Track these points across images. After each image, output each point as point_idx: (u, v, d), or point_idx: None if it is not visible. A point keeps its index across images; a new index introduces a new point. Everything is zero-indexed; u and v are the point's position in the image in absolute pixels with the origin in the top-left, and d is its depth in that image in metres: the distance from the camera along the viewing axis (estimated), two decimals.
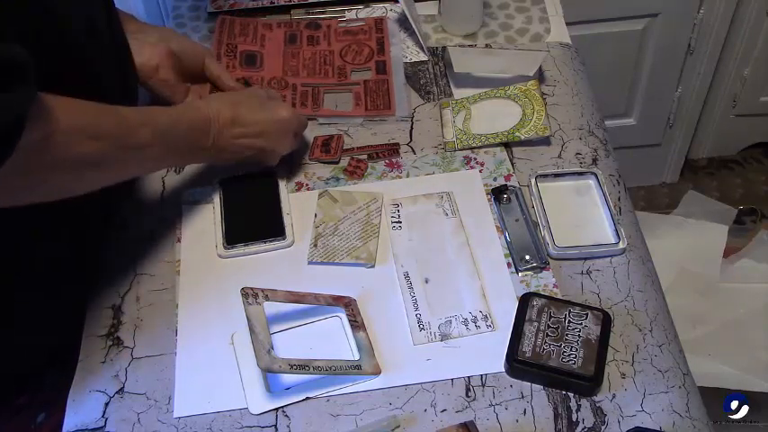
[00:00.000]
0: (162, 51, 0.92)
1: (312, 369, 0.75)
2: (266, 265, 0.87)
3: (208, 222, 0.91)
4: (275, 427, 0.74)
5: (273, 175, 0.94)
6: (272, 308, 0.80)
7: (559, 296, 0.82)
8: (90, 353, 0.80)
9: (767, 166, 2.16)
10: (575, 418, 0.74)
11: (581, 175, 0.93)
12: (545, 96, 1.02)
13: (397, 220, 0.90)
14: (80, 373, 0.79)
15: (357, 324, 0.80)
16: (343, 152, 0.98)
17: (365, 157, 0.97)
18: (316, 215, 0.91)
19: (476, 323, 0.81)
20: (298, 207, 0.92)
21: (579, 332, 0.77)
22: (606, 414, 0.74)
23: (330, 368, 0.75)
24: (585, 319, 0.78)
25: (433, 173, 0.95)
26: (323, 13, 1.17)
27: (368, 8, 1.18)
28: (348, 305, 0.82)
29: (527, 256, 0.86)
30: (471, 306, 0.82)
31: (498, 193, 0.91)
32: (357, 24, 1.14)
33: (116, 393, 0.77)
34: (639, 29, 1.77)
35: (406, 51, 1.11)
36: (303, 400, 0.76)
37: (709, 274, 1.78)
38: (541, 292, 0.82)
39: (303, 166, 0.97)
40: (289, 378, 0.77)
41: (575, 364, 0.75)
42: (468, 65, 1.06)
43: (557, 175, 0.93)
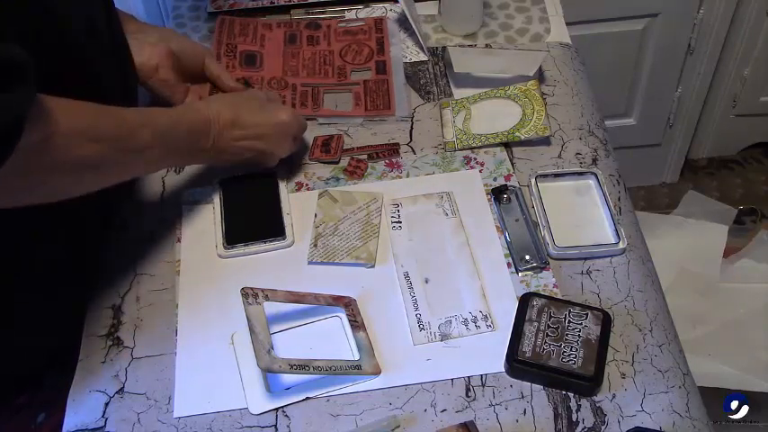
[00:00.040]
0: (162, 51, 0.92)
1: (312, 369, 0.75)
2: (266, 265, 0.87)
3: (208, 222, 0.91)
4: (275, 427, 0.74)
5: (273, 176, 0.94)
6: (272, 308, 0.79)
7: (559, 296, 0.82)
8: (90, 353, 0.80)
9: (767, 166, 2.16)
10: (575, 418, 0.74)
11: (581, 175, 0.93)
12: (545, 96, 1.02)
13: (397, 220, 0.90)
14: (80, 373, 0.79)
15: (357, 324, 0.80)
16: (344, 152, 0.98)
17: (365, 157, 0.97)
18: (316, 215, 0.91)
19: (476, 323, 0.81)
20: (298, 207, 0.92)
21: (579, 332, 0.77)
22: (606, 414, 0.74)
23: (330, 368, 0.75)
24: (585, 319, 0.78)
25: (433, 173, 0.95)
26: (323, 13, 1.17)
27: (368, 8, 1.17)
28: (348, 305, 0.82)
29: (527, 256, 0.86)
30: (471, 306, 0.82)
31: (498, 193, 0.91)
32: (357, 24, 1.14)
33: (116, 393, 0.77)
34: (639, 29, 1.76)
35: (406, 51, 1.11)
36: (303, 400, 0.76)
37: (709, 274, 1.78)
38: (541, 292, 0.82)
39: (303, 166, 0.97)
40: (289, 378, 0.77)
41: (575, 364, 0.75)
42: (468, 65, 1.06)
43: (557, 175, 0.93)
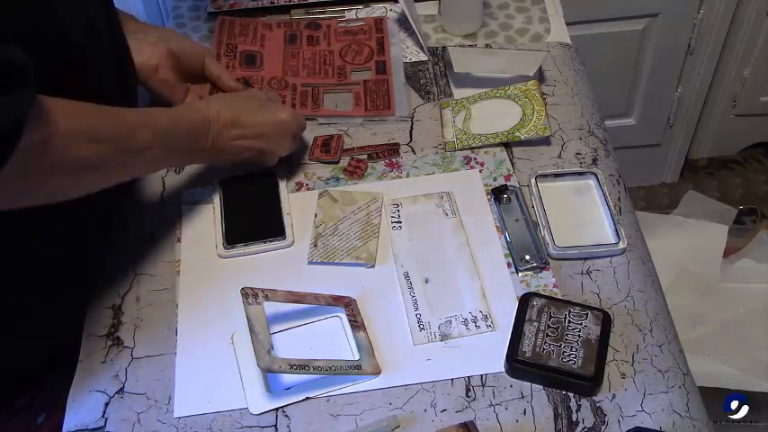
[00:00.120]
0: (161, 51, 0.92)
1: (312, 369, 0.75)
2: (266, 265, 0.87)
3: (208, 222, 0.91)
4: (275, 427, 0.74)
5: (273, 175, 0.94)
6: (272, 308, 0.79)
7: (559, 296, 0.82)
8: (90, 353, 0.80)
9: (767, 166, 2.16)
10: (575, 418, 0.74)
11: (581, 175, 0.93)
12: (545, 96, 1.02)
13: (397, 220, 0.90)
14: (80, 374, 0.79)
15: (357, 324, 0.80)
16: (344, 152, 0.98)
17: (365, 157, 0.97)
18: (316, 215, 0.91)
19: (476, 323, 0.81)
20: (298, 207, 0.92)
21: (579, 332, 0.77)
22: (606, 414, 0.74)
23: (330, 368, 0.75)
24: (585, 319, 0.78)
25: (433, 173, 0.95)
26: (323, 13, 1.17)
27: (368, 8, 1.17)
28: (348, 305, 0.82)
29: (527, 256, 0.86)
30: (471, 306, 0.82)
31: (498, 193, 0.91)
32: (357, 24, 1.14)
33: (116, 393, 0.77)
34: (639, 29, 1.76)
35: (406, 51, 1.11)
36: (303, 400, 0.76)
37: (709, 274, 1.78)
38: (541, 292, 0.82)
39: (303, 166, 0.97)
40: (289, 378, 0.77)
41: (575, 364, 0.75)
42: (468, 65, 1.06)
43: (557, 175, 0.93)
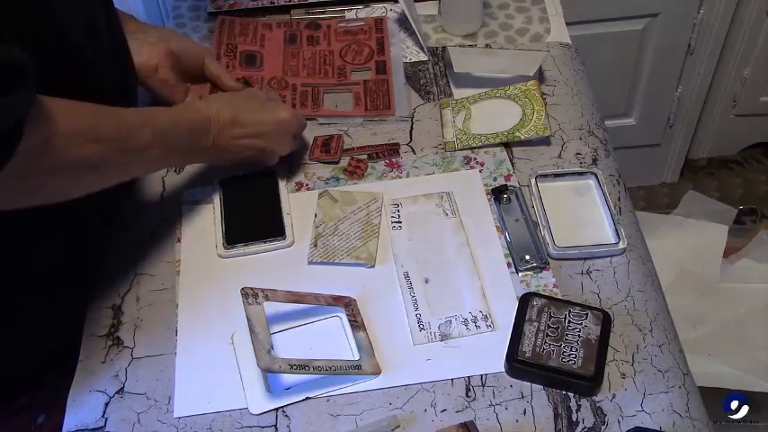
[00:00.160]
0: (161, 51, 0.92)
1: (312, 369, 0.75)
2: (266, 265, 0.87)
3: (208, 222, 0.91)
4: (275, 427, 0.74)
5: (273, 175, 0.94)
6: (272, 308, 0.80)
7: (559, 296, 0.82)
8: (90, 353, 0.80)
9: (767, 166, 2.16)
10: (575, 418, 0.74)
11: (581, 175, 0.93)
12: (545, 96, 1.02)
13: (397, 220, 0.90)
14: (80, 374, 0.79)
15: (357, 324, 0.80)
16: (344, 152, 0.98)
17: (365, 157, 0.97)
18: (316, 215, 0.91)
19: (476, 323, 0.81)
20: (298, 207, 0.92)
21: (579, 332, 0.77)
22: (606, 414, 0.74)
23: (330, 368, 0.75)
24: (585, 319, 0.78)
25: (433, 173, 0.95)
26: (323, 13, 1.17)
27: (368, 8, 1.17)
28: (348, 305, 0.82)
29: (527, 256, 0.86)
30: (471, 306, 0.82)
31: (498, 193, 0.91)
32: (357, 24, 1.14)
33: (116, 393, 0.77)
34: (639, 29, 1.76)
35: (406, 51, 1.11)
36: (303, 400, 0.76)
37: (709, 274, 1.78)
38: (541, 292, 0.82)
39: (303, 166, 0.97)
40: (289, 378, 0.77)
41: (575, 364, 0.75)
42: (468, 65, 1.06)
43: (557, 175, 0.93)
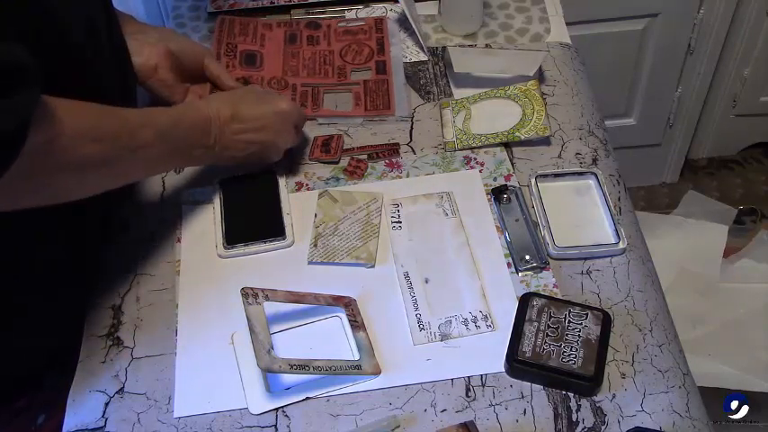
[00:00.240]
0: (161, 51, 0.92)
1: (312, 369, 0.75)
2: (266, 265, 0.87)
3: (208, 222, 0.91)
4: (275, 427, 0.74)
5: (273, 175, 0.94)
6: (272, 308, 0.80)
7: (559, 296, 0.82)
8: (90, 353, 0.80)
9: (767, 166, 2.16)
10: (575, 418, 0.74)
11: (581, 175, 0.93)
12: (545, 96, 1.02)
13: (397, 220, 0.90)
14: (80, 374, 0.79)
15: (357, 324, 0.80)
16: (343, 152, 0.98)
17: (365, 157, 0.97)
18: (316, 215, 0.91)
19: (476, 323, 0.81)
20: (298, 207, 0.92)
21: (579, 332, 0.77)
22: (606, 414, 0.74)
23: (330, 368, 0.75)
24: (585, 319, 0.78)
25: (433, 173, 0.95)
26: (323, 13, 1.17)
27: (368, 8, 1.17)
28: (348, 305, 0.82)
29: (527, 256, 0.86)
30: (471, 306, 0.82)
31: (498, 193, 0.91)
32: (357, 24, 1.14)
33: (116, 393, 0.77)
34: (639, 29, 1.76)
35: (406, 51, 1.11)
36: (303, 400, 0.76)
37: (709, 274, 1.78)
38: (541, 292, 0.82)
39: (303, 166, 0.97)
40: (289, 378, 0.77)
41: (575, 364, 0.75)
42: (468, 65, 1.06)
43: (557, 175, 0.93)
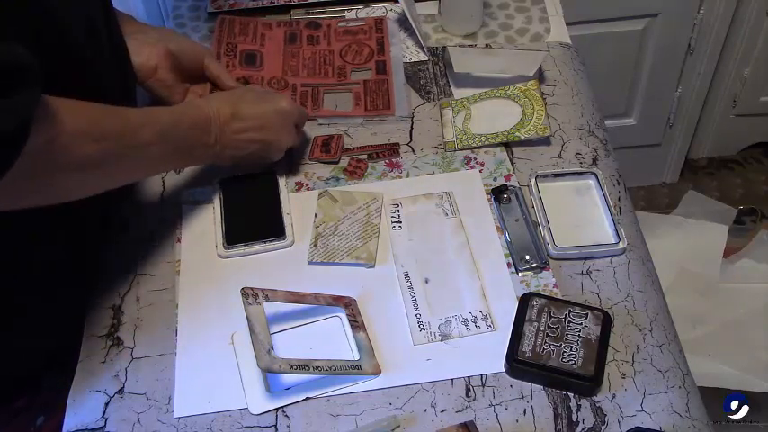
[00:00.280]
0: (160, 52, 0.92)
1: (312, 369, 0.75)
2: (266, 265, 0.87)
3: (208, 222, 0.91)
4: (275, 427, 0.74)
5: (273, 175, 0.94)
6: (272, 308, 0.80)
7: (559, 296, 0.82)
8: (90, 353, 0.80)
9: (767, 166, 2.16)
10: (575, 418, 0.74)
11: (581, 175, 0.93)
12: (545, 96, 1.02)
13: (397, 220, 0.90)
14: (80, 374, 0.79)
15: (357, 324, 0.80)
16: (343, 152, 0.98)
17: (365, 157, 0.97)
18: (316, 215, 0.91)
19: (476, 323, 0.81)
20: (298, 207, 0.92)
21: (579, 332, 0.77)
22: (606, 414, 0.74)
23: (330, 368, 0.75)
24: (585, 319, 0.78)
25: (433, 173, 0.95)
26: (323, 13, 1.17)
27: (368, 8, 1.17)
28: (348, 305, 0.82)
29: (527, 256, 0.86)
30: (471, 306, 0.82)
31: (498, 193, 0.91)
32: (357, 24, 1.14)
33: (116, 393, 0.77)
34: (639, 29, 1.77)
35: (406, 51, 1.11)
36: (303, 400, 0.76)
37: (709, 274, 1.78)
38: (541, 292, 0.82)
39: (303, 166, 0.97)
40: (289, 378, 0.77)
41: (575, 364, 0.75)
42: (468, 65, 1.06)
43: (557, 175, 0.93)
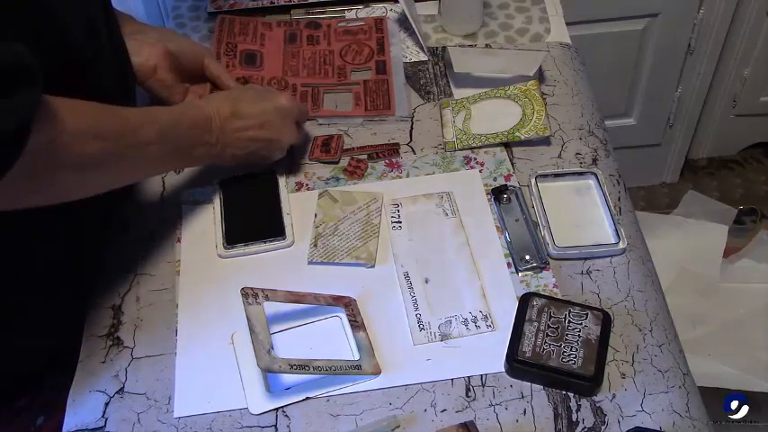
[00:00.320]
0: (160, 52, 0.92)
1: (312, 369, 0.75)
2: (266, 265, 0.87)
3: (208, 222, 0.91)
4: (275, 427, 0.74)
5: (273, 175, 0.94)
6: (272, 308, 0.80)
7: (559, 296, 0.82)
8: (90, 353, 0.80)
9: (767, 166, 2.16)
10: (575, 418, 0.74)
11: (581, 175, 0.93)
12: (545, 96, 1.02)
13: (397, 220, 0.90)
14: (80, 374, 0.79)
15: (357, 324, 0.80)
16: (343, 152, 0.98)
17: (365, 157, 0.97)
18: (316, 215, 0.91)
19: (476, 323, 0.81)
20: (298, 207, 0.92)
21: (579, 332, 0.77)
22: (606, 414, 0.74)
23: (330, 368, 0.75)
24: (585, 319, 0.78)
25: (433, 173, 0.95)
26: (323, 13, 1.17)
27: (368, 8, 1.17)
28: (348, 305, 0.82)
29: (527, 256, 0.86)
30: (471, 306, 0.82)
31: (498, 193, 0.91)
32: (357, 24, 1.14)
33: (116, 393, 0.77)
34: (639, 29, 1.77)
35: (406, 51, 1.11)
36: (303, 400, 0.76)
37: (709, 274, 1.78)
38: (541, 292, 0.82)
39: (303, 166, 0.97)
40: (289, 378, 0.77)
41: (575, 364, 0.75)
42: (468, 65, 1.06)
43: (557, 175, 0.93)
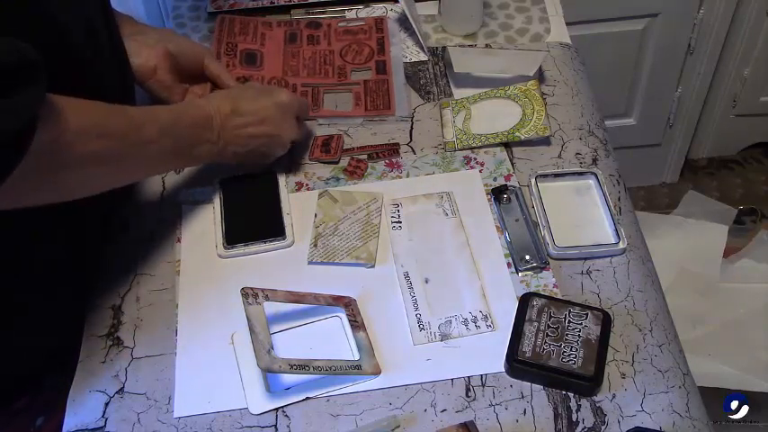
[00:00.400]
0: (159, 52, 0.92)
1: (312, 369, 0.75)
2: (266, 265, 0.87)
3: (208, 222, 0.91)
4: (275, 427, 0.74)
5: (273, 175, 0.94)
6: (272, 308, 0.80)
7: (559, 296, 0.82)
8: (90, 353, 0.80)
9: (767, 166, 2.16)
10: (575, 418, 0.74)
11: (581, 175, 0.93)
12: (545, 96, 1.02)
13: (397, 220, 0.90)
14: (80, 374, 0.79)
15: (357, 324, 0.80)
16: (343, 152, 0.98)
17: (365, 157, 0.97)
18: (316, 215, 0.91)
19: (476, 323, 0.81)
20: (298, 207, 0.92)
21: (579, 332, 0.77)
22: (606, 414, 0.74)
23: (330, 368, 0.75)
24: (585, 319, 0.78)
25: (433, 173, 0.95)
26: (323, 12, 1.17)
27: (368, 8, 1.17)
28: (348, 305, 0.82)
29: (527, 256, 0.86)
30: (471, 306, 0.82)
31: (498, 193, 0.91)
32: (357, 24, 1.14)
33: (116, 393, 0.77)
34: (639, 29, 1.77)
35: (406, 51, 1.11)
36: (303, 400, 0.76)
37: (709, 274, 1.78)
38: (541, 292, 0.82)
39: (303, 166, 0.97)
40: (289, 378, 0.77)
41: (575, 364, 0.75)
42: (468, 65, 1.06)
43: (557, 175, 0.93)
